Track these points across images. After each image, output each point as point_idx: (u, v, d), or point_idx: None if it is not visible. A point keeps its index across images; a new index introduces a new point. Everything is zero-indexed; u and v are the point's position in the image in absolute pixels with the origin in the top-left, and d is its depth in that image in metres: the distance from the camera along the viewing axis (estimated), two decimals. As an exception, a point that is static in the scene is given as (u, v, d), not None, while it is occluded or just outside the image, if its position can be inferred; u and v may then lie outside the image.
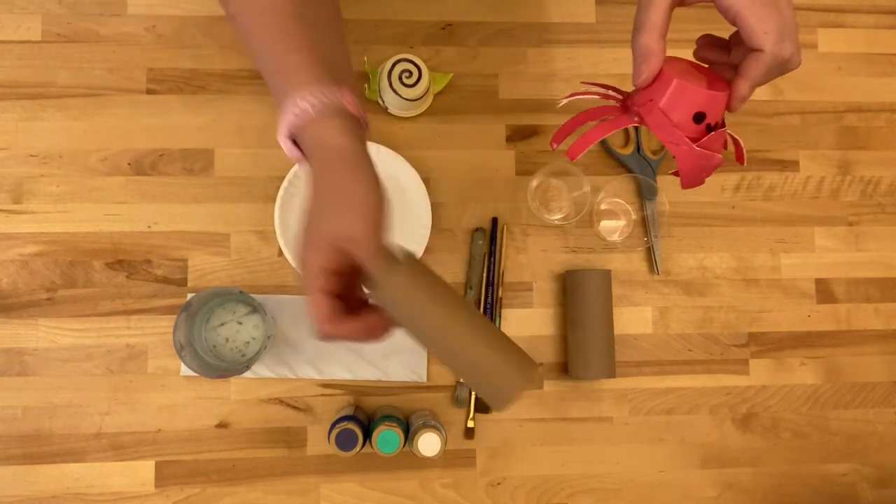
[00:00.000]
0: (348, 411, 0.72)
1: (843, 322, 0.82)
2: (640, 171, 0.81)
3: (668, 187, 0.81)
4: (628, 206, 0.82)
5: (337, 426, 0.68)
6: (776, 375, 0.81)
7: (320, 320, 0.47)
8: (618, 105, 0.58)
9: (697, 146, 0.53)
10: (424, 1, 0.82)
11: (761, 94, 0.84)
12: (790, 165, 0.84)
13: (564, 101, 0.61)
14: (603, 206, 0.82)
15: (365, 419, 0.73)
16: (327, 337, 0.48)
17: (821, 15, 0.86)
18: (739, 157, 0.62)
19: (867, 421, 0.81)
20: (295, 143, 0.51)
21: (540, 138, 0.81)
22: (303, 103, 0.49)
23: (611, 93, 0.59)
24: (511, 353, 0.47)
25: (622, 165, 0.82)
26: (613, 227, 0.82)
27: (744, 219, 0.83)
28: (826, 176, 0.84)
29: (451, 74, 0.81)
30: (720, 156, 0.55)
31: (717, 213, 0.82)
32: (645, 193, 0.81)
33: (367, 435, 0.70)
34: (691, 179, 0.56)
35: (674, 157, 0.54)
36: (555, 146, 0.60)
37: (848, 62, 0.86)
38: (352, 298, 0.49)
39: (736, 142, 0.60)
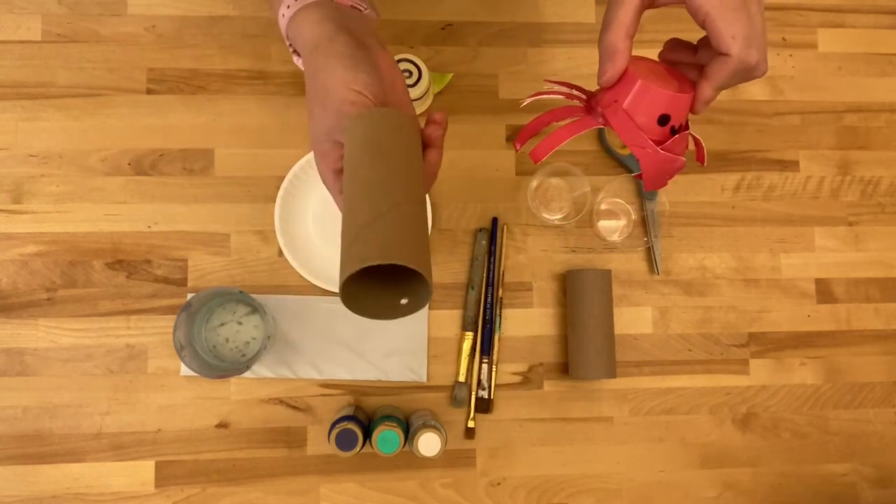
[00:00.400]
0: (348, 411, 0.72)
1: (843, 322, 0.82)
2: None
3: (667, 187, 0.81)
4: (628, 206, 0.82)
5: (337, 426, 0.68)
6: (776, 375, 0.81)
7: None
8: (582, 105, 0.57)
9: (661, 149, 0.52)
10: (424, 1, 0.82)
11: (761, 94, 0.84)
12: (790, 165, 0.84)
13: (528, 101, 0.60)
14: (603, 206, 0.82)
15: (365, 419, 0.73)
16: None
17: (821, 15, 0.86)
18: (700, 157, 0.61)
19: (867, 421, 0.81)
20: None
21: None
22: (283, 9, 0.49)
23: (575, 92, 0.58)
24: (372, 243, 0.41)
25: (622, 165, 0.82)
26: (613, 227, 0.82)
27: (744, 219, 0.83)
28: (826, 176, 0.84)
29: (451, 74, 0.81)
30: (683, 159, 0.54)
31: (717, 213, 0.82)
32: (645, 193, 0.81)
33: (367, 435, 0.70)
34: (654, 182, 0.55)
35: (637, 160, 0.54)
36: (518, 147, 0.59)
37: (848, 62, 0.86)
38: None
39: (697, 142, 0.59)
